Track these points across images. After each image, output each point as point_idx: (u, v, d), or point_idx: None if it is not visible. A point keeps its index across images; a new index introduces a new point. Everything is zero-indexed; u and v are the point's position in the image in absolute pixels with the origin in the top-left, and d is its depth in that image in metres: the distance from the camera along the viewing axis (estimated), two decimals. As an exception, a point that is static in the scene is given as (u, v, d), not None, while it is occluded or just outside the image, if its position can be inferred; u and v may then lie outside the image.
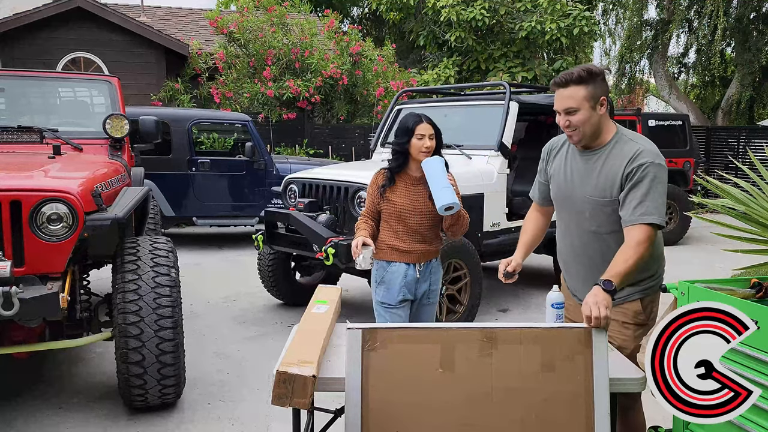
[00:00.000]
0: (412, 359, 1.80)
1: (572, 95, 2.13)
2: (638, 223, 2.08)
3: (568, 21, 12.81)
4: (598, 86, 2.14)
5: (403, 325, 1.89)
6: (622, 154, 2.16)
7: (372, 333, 1.80)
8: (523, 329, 1.83)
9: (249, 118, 8.59)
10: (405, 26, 15.22)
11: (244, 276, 6.57)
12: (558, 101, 2.18)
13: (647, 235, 2.06)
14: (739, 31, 15.53)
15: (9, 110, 4.54)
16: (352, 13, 23.35)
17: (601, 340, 1.81)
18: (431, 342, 1.82)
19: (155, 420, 3.34)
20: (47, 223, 2.92)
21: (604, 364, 1.79)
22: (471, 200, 5.01)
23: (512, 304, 5.71)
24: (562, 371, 1.79)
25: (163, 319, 3.20)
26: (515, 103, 5.40)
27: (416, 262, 3.00)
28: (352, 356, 1.79)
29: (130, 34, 11.53)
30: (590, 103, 2.13)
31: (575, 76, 2.12)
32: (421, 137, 2.90)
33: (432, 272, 3.07)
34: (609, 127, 2.23)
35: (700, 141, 13.99)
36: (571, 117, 2.15)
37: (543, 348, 1.81)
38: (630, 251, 2.04)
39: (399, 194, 2.97)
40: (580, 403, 1.77)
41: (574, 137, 2.21)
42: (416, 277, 3.00)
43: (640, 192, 2.09)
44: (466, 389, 1.79)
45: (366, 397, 1.77)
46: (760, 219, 3.27)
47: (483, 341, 1.80)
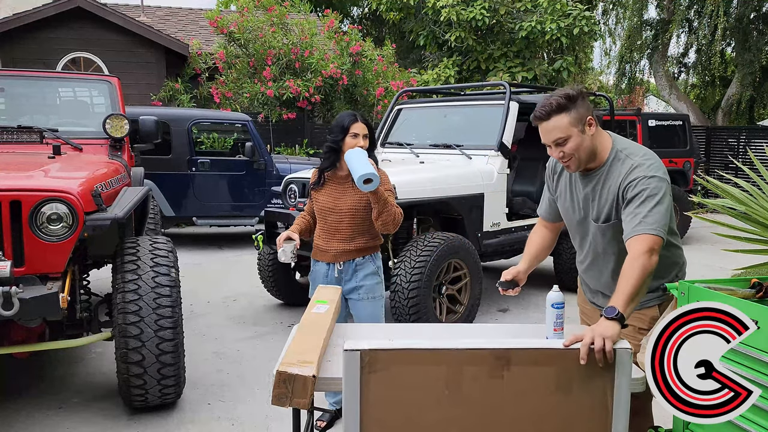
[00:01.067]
0: (415, 382, 1.67)
1: (557, 125, 2.06)
2: (634, 234, 2.00)
3: (568, 21, 12.81)
4: (581, 108, 2.06)
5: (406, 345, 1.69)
6: (618, 174, 2.11)
7: (372, 354, 1.65)
8: (539, 350, 1.71)
9: (249, 118, 8.59)
10: (405, 26, 15.21)
11: (244, 276, 6.57)
12: (544, 135, 2.11)
13: (648, 245, 1.96)
14: (739, 30, 15.53)
15: (9, 110, 4.54)
16: (352, 13, 23.34)
17: (626, 360, 1.70)
18: (437, 363, 1.68)
19: (155, 420, 3.34)
20: (47, 223, 2.92)
21: (627, 386, 1.69)
22: (471, 200, 5.02)
23: (512, 304, 5.70)
24: (580, 394, 1.68)
25: (163, 319, 3.20)
26: (515, 103, 5.40)
27: (334, 262, 3.02)
28: (350, 381, 1.66)
29: (130, 34, 11.53)
30: (578, 128, 2.06)
31: (555, 106, 2.04)
32: (356, 136, 2.91)
33: (357, 270, 3.03)
34: (604, 144, 2.15)
35: (700, 141, 13.98)
36: (563, 147, 2.08)
37: (560, 370, 1.69)
38: (632, 267, 1.95)
39: (323, 193, 3.02)
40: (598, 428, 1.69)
41: (571, 166, 2.14)
42: (335, 277, 3.02)
43: (635, 206, 2.03)
44: (474, 415, 1.68)
45: (366, 424, 1.67)
46: (760, 219, 3.27)
47: (494, 362, 1.67)
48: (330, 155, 2.99)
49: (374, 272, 3.08)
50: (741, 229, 3.59)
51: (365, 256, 3.04)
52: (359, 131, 2.92)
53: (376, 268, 3.10)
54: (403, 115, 6.23)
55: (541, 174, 6.27)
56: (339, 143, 2.94)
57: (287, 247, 2.89)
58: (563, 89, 2.10)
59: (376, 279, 3.09)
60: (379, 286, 3.12)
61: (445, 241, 4.51)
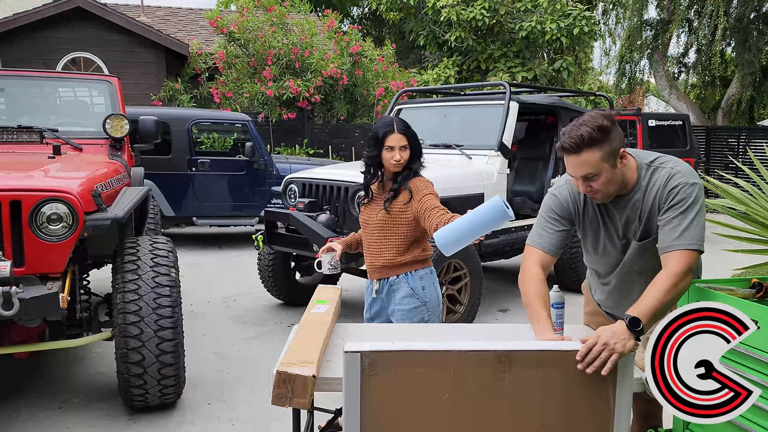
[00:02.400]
0: (417, 384, 1.65)
1: (587, 161, 1.86)
2: (676, 249, 1.86)
3: (568, 21, 12.81)
4: (614, 140, 1.87)
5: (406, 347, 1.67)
6: (654, 185, 1.95)
7: (372, 356, 1.63)
8: (542, 351, 1.69)
9: (249, 118, 8.59)
10: (405, 26, 15.21)
11: (244, 276, 6.57)
12: (572, 168, 1.92)
13: (688, 265, 1.84)
14: (739, 31, 15.52)
15: (9, 110, 4.54)
16: (352, 13, 23.34)
17: (628, 365, 1.69)
18: (438, 365, 1.65)
19: (155, 420, 3.33)
20: (47, 223, 2.92)
21: (629, 390, 1.69)
22: (471, 200, 5.01)
23: (512, 304, 5.70)
24: (581, 398, 1.68)
25: (163, 319, 3.20)
26: (515, 103, 5.40)
27: (372, 279, 2.83)
28: (350, 383, 1.64)
29: (130, 34, 11.53)
30: (609, 163, 1.88)
31: (587, 139, 1.84)
32: (391, 149, 2.60)
33: (393, 291, 2.74)
34: (631, 169, 1.98)
35: (700, 141, 13.98)
36: (591, 182, 1.91)
37: (563, 372, 1.67)
38: (667, 283, 1.82)
39: (367, 207, 2.80)
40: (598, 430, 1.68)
41: (598, 198, 1.98)
42: (373, 297, 2.82)
43: (674, 214, 1.89)
44: (476, 417, 1.67)
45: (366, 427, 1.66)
46: (760, 219, 3.27)
47: (495, 363, 1.65)
48: (369, 170, 2.73)
49: (410, 294, 2.71)
50: (741, 229, 3.60)
51: (399, 275, 2.73)
52: (395, 144, 2.59)
53: (411, 291, 2.71)
54: (403, 115, 6.23)
55: (541, 174, 6.27)
56: (375, 159, 2.66)
57: (325, 257, 2.77)
58: (595, 117, 1.88)
59: (413, 302, 2.71)
60: (417, 312, 2.71)
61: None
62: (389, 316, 2.79)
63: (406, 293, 2.71)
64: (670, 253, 1.86)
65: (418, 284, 2.72)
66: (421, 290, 2.72)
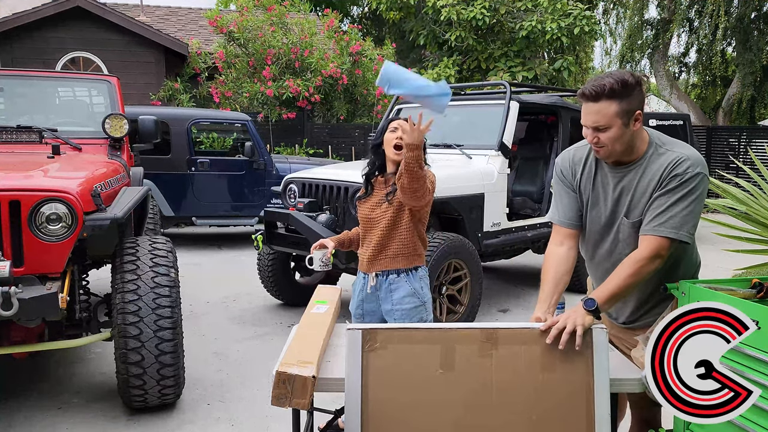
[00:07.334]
0: (411, 359, 1.79)
1: (602, 111, 1.86)
2: (650, 234, 1.87)
3: (569, 20, 12.80)
4: (634, 99, 1.86)
5: (403, 325, 1.85)
6: (660, 165, 1.92)
7: (372, 333, 1.79)
8: (524, 329, 1.82)
9: (248, 117, 8.59)
10: (405, 26, 15.19)
11: (244, 276, 6.56)
12: (586, 115, 1.91)
13: (656, 251, 1.85)
14: (740, 30, 15.52)
15: (8, 110, 4.54)
16: (351, 12, 23.33)
17: (602, 340, 1.80)
18: (431, 342, 1.81)
19: (155, 420, 3.33)
20: (46, 223, 2.92)
21: (605, 364, 1.78)
22: (471, 200, 5.01)
23: (512, 304, 5.70)
24: (562, 372, 1.78)
25: (163, 319, 3.20)
26: (516, 103, 5.40)
27: (367, 272, 2.76)
28: (352, 357, 1.78)
29: (130, 34, 11.53)
30: (623, 120, 1.86)
31: (607, 89, 1.83)
32: (394, 130, 2.66)
33: (392, 289, 2.71)
34: (643, 138, 1.96)
35: (700, 141, 13.97)
36: (600, 134, 1.90)
37: (543, 348, 1.80)
38: (630, 268, 1.86)
39: (367, 202, 2.79)
40: (580, 404, 1.77)
41: (601, 153, 1.96)
42: (368, 293, 2.77)
43: (668, 200, 1.87)
44: (465, 389, 1.78)
45: (366, 397, 1.77)
46: (760, 219, 3.27)
47: (483, 341, 1.79)
48: (373, 159, 2.77)
49: (410, 294, 2.70)
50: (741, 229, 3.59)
51: (399, 271, 2.71)
52: (398, 125, 2.66)
53: (413, 290, 2.71)
54: (403, 114, 6.23)
55: (542, 174, 6.26)
56: (378, 146, 2.73)
57: (316, 255, 2.76)
58: (622, 72, 1.87)
59: (413, 302, 2.70)
60: (417, 311, 2.71)
61: (446, 241, 4.51)
62: (383, 315, 2.78)
63: (407, 293, 2.71)
64: (645, 236, 1.90)
65: (419, 284, 2.74)
66: (420, 290, 2.74)
